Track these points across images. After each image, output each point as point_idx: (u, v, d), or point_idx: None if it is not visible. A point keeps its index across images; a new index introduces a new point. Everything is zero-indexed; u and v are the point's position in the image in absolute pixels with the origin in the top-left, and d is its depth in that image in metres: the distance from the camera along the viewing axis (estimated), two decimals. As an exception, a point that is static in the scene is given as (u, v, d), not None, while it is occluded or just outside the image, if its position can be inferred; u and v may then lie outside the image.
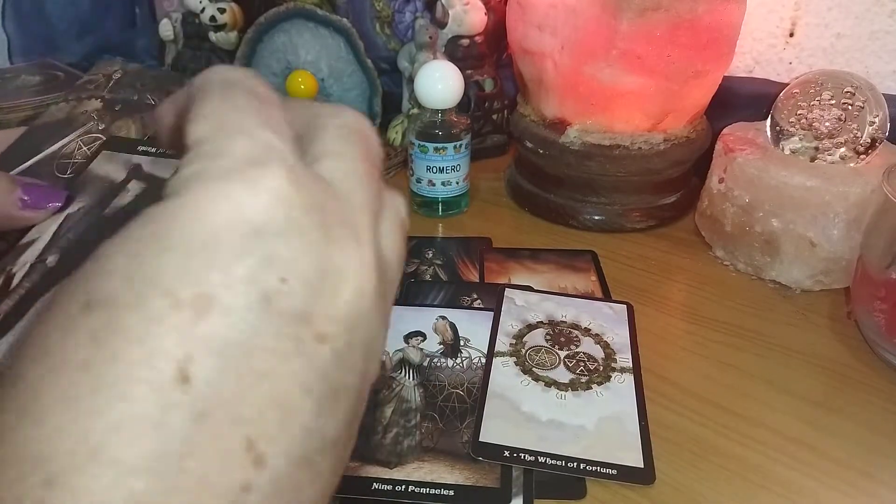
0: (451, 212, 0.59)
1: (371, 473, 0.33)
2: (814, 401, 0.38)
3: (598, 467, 0.33)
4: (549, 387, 0.38)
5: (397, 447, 0.34)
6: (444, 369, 0.40)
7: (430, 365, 0.40)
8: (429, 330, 0.43)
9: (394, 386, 0.38)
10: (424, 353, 0.41)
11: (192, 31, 0.78)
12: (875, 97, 0.46)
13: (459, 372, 0.40)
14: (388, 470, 0.33)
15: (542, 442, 0.34)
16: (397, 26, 0.75)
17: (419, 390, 0.38)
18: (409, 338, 0.42)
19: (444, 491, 0.32)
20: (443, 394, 0.38)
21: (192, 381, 0.14)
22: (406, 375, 0.39)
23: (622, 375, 0.39)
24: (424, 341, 0.42)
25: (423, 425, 0.36)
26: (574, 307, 0.45)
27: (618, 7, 0.48)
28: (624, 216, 0.56)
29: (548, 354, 0.41)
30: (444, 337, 0.43)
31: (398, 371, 0.39)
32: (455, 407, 0.37)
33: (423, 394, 0.38)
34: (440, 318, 0.44)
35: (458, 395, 0.38)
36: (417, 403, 0.37)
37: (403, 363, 0.40)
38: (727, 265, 0.52)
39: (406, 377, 0.39)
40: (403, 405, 0.37)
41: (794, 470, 0.34)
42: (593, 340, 0.42)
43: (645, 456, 0.34)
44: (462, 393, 0.38)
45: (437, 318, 0.44)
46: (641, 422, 0.36)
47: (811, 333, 0.44)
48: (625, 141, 0.53)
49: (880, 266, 0.40)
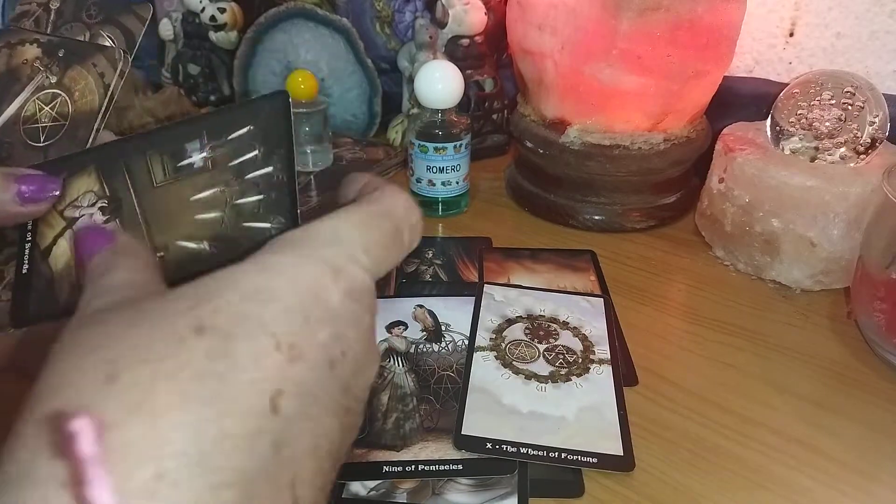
0: (451, 212, 0.59)
1: (380, 458, 0.34)
2: (814, 401, 0.38)
3: (578, 456, 0.34)
4: (530, 379, 0.39)
5: (400, 430, 0.36)
6: (431, 354, 0.41)
7: (417, 351, 0.41)
8: (409, 319, 0.44)
9: (385, 374, 0.40)
10: (409, 341, 0.42)
11: (192, 31, 0.78)
12: (875, 97, 0.46)
13: (446, 355, 0.41)
14: (396, 452, 0.34)
15: (523, 433, 0.35)
16: (397, 26, 0.74)
17: (411, 376, 0.39)
18: (391, 328, 0.43)
19: (453, 466, 0.33)
20: (434, 377, 0.39)
21: (279, 413, 0.16)
22: (395, 363, 0.40)
23: (601, 367, 0.40)
24: (406, 330, 0.43)
25: (422, 408, 0.37)
26: (552, 301, 0.46)
27: (618, 7, 0.48)
28: (624, 216, 0.56)
29: (527, 348, 0.41)
30: (424, 324, 0.44)
31: (387, 360, 0.41)
32: (448, 388, 0.38)
33: (416, 379, 0.39)
34: (418, 307, 0.45)
35: (450, 377, 0.39)
36: (412, 388, 0.39)
37: (390, 352, 0.41)
38: (727, 265, 0.51)
39: (396, 365, 0.40)
40: (399, 391, 0.38)
41: (794, 470, 0.34)
42: (571, 333, 0.43)
43: (624, 443, 0.34)
44: (452, 374, 0.40)
45: (414, 307, 0.45)
46: (620, 411, 0.36)
47: (811, 333, 0.44)
48: (625, 141, 0.53)
49: (880, 266, 0.40)
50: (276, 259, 0.19)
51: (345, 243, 0.20)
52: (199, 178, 0.23)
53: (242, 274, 0.18)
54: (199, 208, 0.23)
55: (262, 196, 0.23)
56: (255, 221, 0.23)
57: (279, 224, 0.23)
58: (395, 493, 0.32)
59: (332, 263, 0.19)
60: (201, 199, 0.23)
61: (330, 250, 0.19)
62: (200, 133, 0.23)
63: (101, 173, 0.23)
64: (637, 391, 0.39)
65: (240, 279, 0.18)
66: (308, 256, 0.19)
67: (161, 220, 0.23)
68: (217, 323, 0.16)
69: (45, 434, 0.14)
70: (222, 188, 0.23)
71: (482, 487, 0.32)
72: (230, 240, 0.23)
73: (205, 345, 0.16)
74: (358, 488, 0.32)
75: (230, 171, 0.23)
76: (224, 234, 0.23)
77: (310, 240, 0.20)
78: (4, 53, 0.31)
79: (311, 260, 0.19)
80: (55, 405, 0.15)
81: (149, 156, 0.23)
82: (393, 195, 0.22)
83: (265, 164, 0.23)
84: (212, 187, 0.23)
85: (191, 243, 0.23)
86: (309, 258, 0.19)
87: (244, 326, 0.17)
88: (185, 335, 0.16)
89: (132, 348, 0.16)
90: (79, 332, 0.17)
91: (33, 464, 0.14)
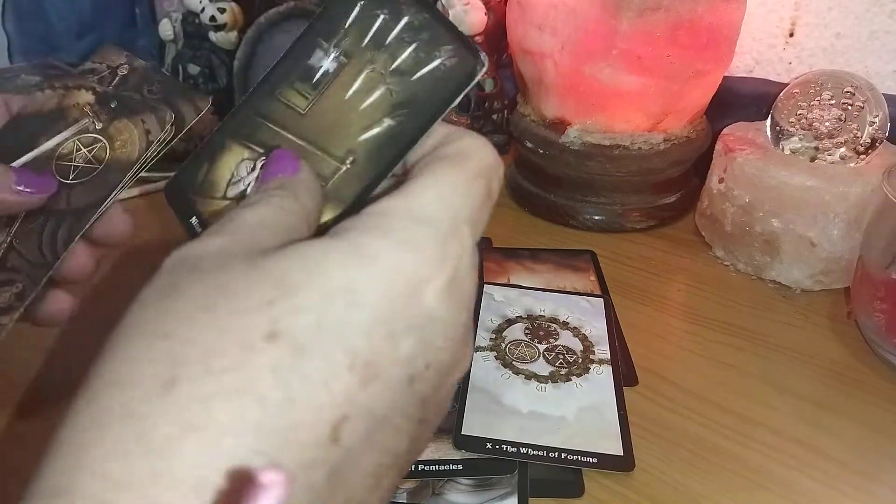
0: (451, 212, 0.59)
1: None
2: (814, 401, 0.38)
3: (578, 456, 0.34)
4: (530, 379, 0.39)
5: None
6: None
7: None
8: None
9: None
10: None
11: (192, 31, 0.78)
12: (875, 97, 0.46)
13: None
14: None
15: (523, 433, 0.35)
16: (397, 26, 0.74)
17: None
18: None
19: (453, 466, 0.33)
20: None
21: (339, 442, 0.15)
22: None
23: (601, 367, 0.40)
24: None
25: None
26: (552, 301, 0.46)
27: (618, 7, 0.48)
28: (624, 216, 0.56)
29: (527, 348, 0.41)
30: None
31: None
32: None
33: None
34: None
35: None
36: None
37: None
38: (727, 265, 0.51)
39: None
40: None
41: (794, 470, 0.34)
42: (571, 333, 0.43)
43: (624, 443, 0.34)
44: None
45: None
46: (620, 411, 0.36)
47: (811, 333, 0.44)
48: (625, 141, 0.53)
49: (880, 266, 0.40)
50: (370, 243, 0.16)
51: (449, 217, 0.17)
52: (343, 75, 0.22)
53: (332, 262, 0.16)
54: (360, 98, 0.22)
55: (415, 44, 0.21)
56: (422, 68, 0.21)
57: (448, 52, 0.21)
58: (395, 493, 0.32)
59: (437, 246, 0.17)
60: (356, 89, 0.22)
61: (432, 228, 0.17)
62: (315, 42, 0.22)
63: (243, 139, 0.23)
64: (637, 391, 0.39)
65: (328, 269, 0.16)
66: (406, 242, 0.17)
67: (330, 134, 0.22)
68: (292, 329, 0.15)
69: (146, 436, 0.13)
70: (371, 67, 0.22)
71: (482, 487, 0.32)
72: (410, 101, 0.21)
73: (274, 357, 0.14)
74: (358, 488, 0.32)
75: (367, 49, 0.22)
76: (400, 100, 0.21)
77: (411, 213, 0.17)
78: (59, 93, 0.31)
79: (410, 246, 0.17)
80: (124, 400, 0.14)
81: (279, 94, 0.22)
82: (480, 146, 0.20)
83: (397, 19, 0.21)
84: (360, 74, 0.22)
85: (372, 130, 0.22)
86: (408, 243, 0.17)
87: (321, 337, 0.15)
88: (256, 341, 0.15)
89: (197, 349, 0.14)
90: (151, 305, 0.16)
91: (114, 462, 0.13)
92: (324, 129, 0.22)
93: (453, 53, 0.21)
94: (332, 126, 0.22)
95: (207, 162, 0.23)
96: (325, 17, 0.22)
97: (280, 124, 0.22)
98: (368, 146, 0.22)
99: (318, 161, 0.22)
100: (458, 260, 0.17)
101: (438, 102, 0.21)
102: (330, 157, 0.22)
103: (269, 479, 0.12)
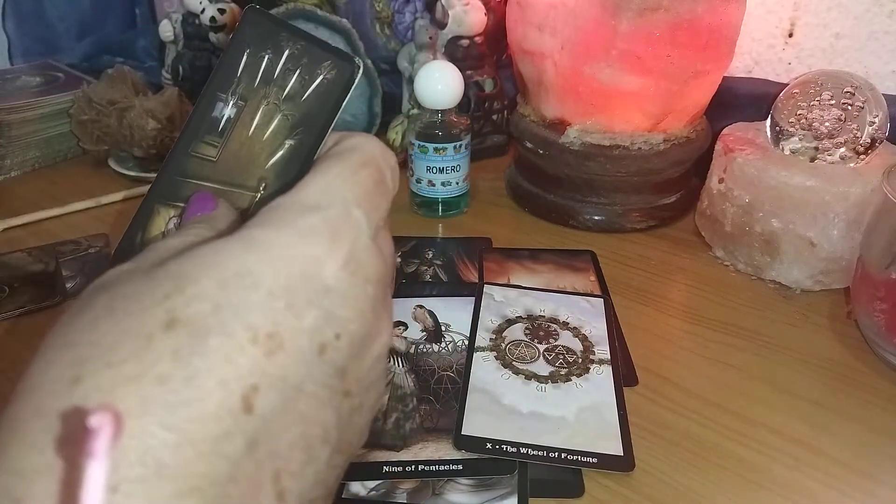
0: (451, 212, 0.59)
1: (379, 458, 0.34)
2: (814, 401, 0.38)
3: (578, 456, 0.34)
4: (530, 380, 0.39)
5: (400, 430, 0.36)
6: (430, 354, 0.41)
7: (417, 351, 0.41)
8: (409, 319, 0.44)
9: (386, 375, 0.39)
10: (409, 341, 0.42)
11: (192, 32, 0.78)
12: (875, 97, 0.46)
13: (446, 355, 0.41)
14: (395, 453, 0.34)
15: (523, 433, 0.35)
16: (397, 27, 0.75)
17: (411, 376, 0.39)
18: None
19: (453, 466, 0.33)
20: (434, 377, 0.39)
21: (253, 412, 0.15)
22: (395, 363, 0.40)
23: (601, 367, 0.40)
24: (406, 330, 0.43)
25: (421, 408, 0.37)
26: (552, 301, 0.46)
27: (618, 7, 0.48)
28: (624, 216, 0.56)
29: (527, 348, 0.41)
30: (424, 324, 0.44)
31: (387, 360, 0.40)
32: (448, 388, 0.38)
33: (416, 379, 0.39)
34: (418, 308, 0.45)
35: (450, 377, 0.39)
36: (411, 388, 0.39)
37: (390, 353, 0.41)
38: (727, 265, 0.51)
39: (396, 365, 0.40)
40: (398, 391, 0.38)
41: (794, 470, 0.34)
42: (571, 334, 0.43)
43: (624, 444, 0.34)
44: (452, 374, 0.40)
45: (414, 308, 0.45)
46: (620, 411, 0.36)
47: (811, 333, 0.44)
48: (625, 141, 0.53)
49: (880, 266, 0.40)
50: (262, 234, 0.17)
51: (336, 202, 0.19)
52: (244, 116, 0.24)
53: (226, 254, 0.17)
54: (262, 131, 0.24)
55: (299, 69, 0.23)
56: (309, 87, 0.23)
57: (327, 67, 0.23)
58: (395, 493, 0.32)
59: (326, 230, 0.18)
60: (257, 125, 0.24)
61: (321, 215, 0.18)
62: (216, 97, 0.23)
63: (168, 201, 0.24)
64: (637, 391, 0.39)
65: (222, 261, 0.17)
66: (297, 229, 0.18)
67: (242, 170, 0.24)
68: (190, 315, 0.16)
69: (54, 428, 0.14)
70: (266, 102, 0.23)
71: (482, 487, 0.32)
72: (304, 119, 0.23)
73: (173, 343, 0.15)
74: (358, 488, 0.32)
75: (260, 87, 0.23)
76: (295, 121, 0.23)
77: (298, 205, 0.18)
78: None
79: (300, 232, 0.18)
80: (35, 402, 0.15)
81: (192, 151, 0.24)
82: (366, 141, 0.22)
83: (280, 54, 0.23)
84: (258, 111, 0.24)
85: (277, 154, 0.24)
86: (298, 230, 0.18)
87: (218, 318, 0.16)
88: (154, 331, 0.15)
89: (98, 348, 0.15)
90: (63, 324, 0.17)
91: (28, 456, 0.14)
92: (235, 168, 0.24)
93: (332, 66, 0.23)
94: (242, 163, 0.24)
95: (140, 230, 0.24)
96: (219, 72, 0.24)
97: (197, 177, 0.24)
98: (276, 169, 0.24)
99: (236, 197, 0.24)
100: (354, 240, 0.18)
101: (328, 112, 0.23)
102: (245, 189, 0.24)
103: (96, 421, 0.13)
